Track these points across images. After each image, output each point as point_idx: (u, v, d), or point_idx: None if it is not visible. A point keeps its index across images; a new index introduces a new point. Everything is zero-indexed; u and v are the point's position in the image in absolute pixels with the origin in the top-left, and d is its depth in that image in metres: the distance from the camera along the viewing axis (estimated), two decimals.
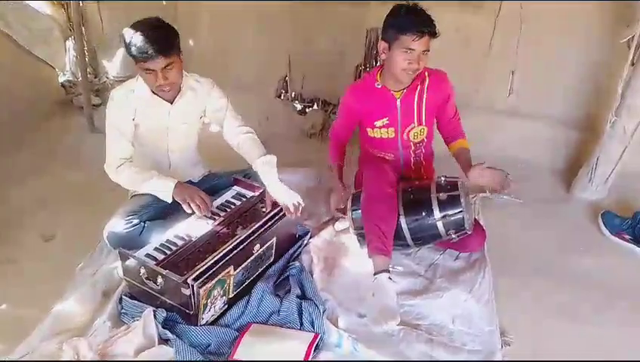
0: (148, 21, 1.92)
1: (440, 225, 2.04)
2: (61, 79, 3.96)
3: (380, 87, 2.19)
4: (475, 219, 2.25)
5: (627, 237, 2.46)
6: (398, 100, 2.18)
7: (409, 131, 2.25)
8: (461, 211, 2.02)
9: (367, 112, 2.25)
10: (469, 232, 2.08)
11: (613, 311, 2.06)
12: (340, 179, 2.44)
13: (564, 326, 1.98)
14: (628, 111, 2.52)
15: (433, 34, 1.99)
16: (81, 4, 3.58)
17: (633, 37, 2.43)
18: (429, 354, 1.80)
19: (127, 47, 1.88)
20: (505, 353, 1.83)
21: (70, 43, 3.90)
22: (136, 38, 1.86)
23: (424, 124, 2.25)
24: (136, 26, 1.89)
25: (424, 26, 1.97)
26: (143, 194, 2.11)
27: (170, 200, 2.03)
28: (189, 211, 2.01)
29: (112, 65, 4.03)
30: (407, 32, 1.97)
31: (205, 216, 2.02)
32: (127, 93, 2.05)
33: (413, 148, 2.31)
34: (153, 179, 2.03)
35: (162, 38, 1.89)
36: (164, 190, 2.02)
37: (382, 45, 2.08)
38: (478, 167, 2.10)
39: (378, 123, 2.24)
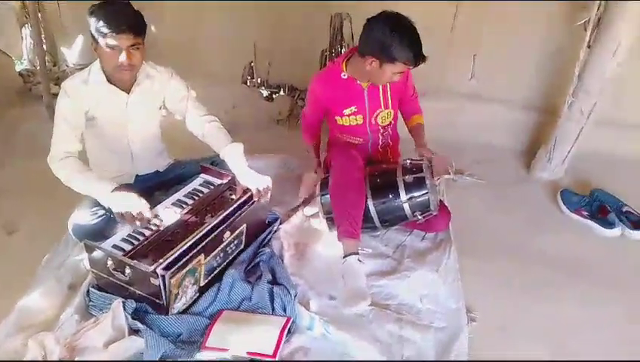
0: (118, 1, 1.90)
1: (406, 206, 2.08)
2: (18, 68, 3.82)
3: (346, 77, 2.19)
4: (440, 200, 2.30)
5: (585, 213, 2.56)
6: (365, 90, 2.20)
7: (377, 116, 2.28)
8: (426, 193, 2.06)
9: (334, 102, 2.26)
10: (435, 213, 2.13)
11: (574, 287, 2.14)
12: (317, 156, 2.50)
13: (528, 303, 2.05)
14: (584, 92, 2.60)
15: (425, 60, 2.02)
16: None
17: (589, 20, 2.50)
18: (398, 333, 1.84)
19: (96, 20, 1.82)
20: (471, 329, 1.89)
21: (27, 30, 3.76)
22: (108, 12, 1.82)
23: (390, 107, 2.29)
24: (107, 3, 1.86)
25: (423, 57, 2.00)
26: None
27: (107, 205, 1.89)
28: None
29: (71, 52, 3.91)
30: (407, 61, 1.99)
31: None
32: (79, 85, 1.97)
33: (381, 130, 2.35)
34: (90, 180, 1.90)
35: (134, 16, 1.88)
36: (100, 194, 1.87)
37: (370, 60, 2.02)
38: (426, 150, 2.24)
39: (346, 111, 2.26)
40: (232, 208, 1.98)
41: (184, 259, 1.73)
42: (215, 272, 1.94)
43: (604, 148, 2.94)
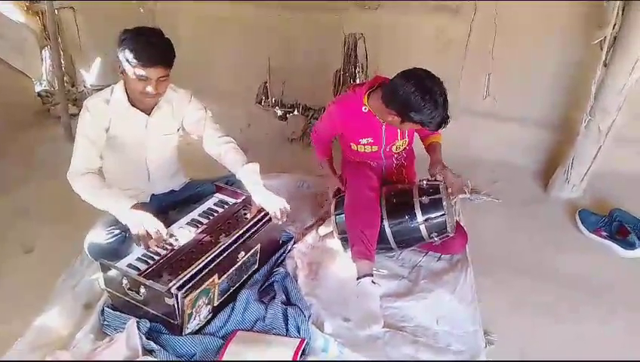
0: (151, 29, 1.90)
1: (423, 228, 2.06)
2: (37, 89, 3.91)
3: (366, 111, 2.16)
4: (457, 221, 2.27)
5: (604, 234, 2.51)
6: (384, 125, 2.18)
7: (392, 145, 2.28)
8: (443, 214, 2.04)
9: (351, 131, 2.25)
10: (451, 235, 2.11)
11: (593, 308, 2.10)
12: (333, 171, 2.47)
13: (546, 324, 2.02)
14: (601, 111, 2.58)
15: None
16: (56, 12, 3.54)
17: (605, 38, 2.48)
18: (415, 356, 1.81)
19: (128, 49, 1.83)
20: (489, 352, 1.85)
21: (46, 52, 3.85)
22: (141, 43, 1.83)
23: (406, 137, 2.28)
24: (140, 31, 1.87)
25: (446, 123, 1.96)
26: None
27: (124, 223, 1.87)
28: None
29: (90, 74, 3.99)
30: (430, 126, 1.95)
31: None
32: (101, 103, 2.00)
33: (395, 156, 2.34)
34: (109, 196, 1.89)
35: (166, 48, 1.89)
36: (119, 211, 1.86)
37: (393, 115, 1.99)
38: (439, 166, 2.19)
39: (363, 140, 2.24)
40: (246, 227, 1.98)
41: (197, 278, 1.72)
42: (229, 292, 1.94)
43: (624, 166, 2.91)
